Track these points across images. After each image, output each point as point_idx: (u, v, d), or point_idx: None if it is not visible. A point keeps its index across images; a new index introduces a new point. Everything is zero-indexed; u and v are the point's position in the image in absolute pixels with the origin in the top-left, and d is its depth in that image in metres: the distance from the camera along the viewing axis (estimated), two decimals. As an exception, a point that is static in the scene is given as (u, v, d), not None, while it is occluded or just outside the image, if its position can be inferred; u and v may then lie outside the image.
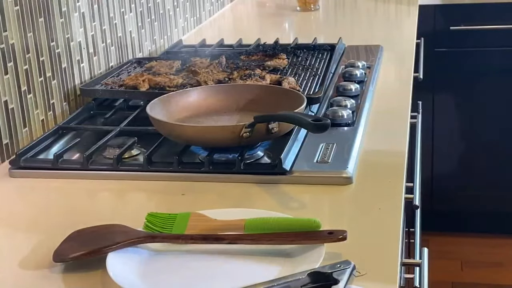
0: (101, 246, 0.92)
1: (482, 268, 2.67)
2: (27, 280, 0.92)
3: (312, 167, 1.18)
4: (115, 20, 1.77)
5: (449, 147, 2.75)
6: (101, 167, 1.23)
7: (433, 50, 2.55)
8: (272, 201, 1.10)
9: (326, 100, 1.48)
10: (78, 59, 1.58)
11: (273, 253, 0.92)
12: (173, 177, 1.19)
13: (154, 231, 0.97)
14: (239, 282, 0.84)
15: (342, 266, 0.84)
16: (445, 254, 2.71)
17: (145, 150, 1.26)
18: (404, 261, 1.10)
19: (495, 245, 2.78)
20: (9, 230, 1.07)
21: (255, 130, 1.18)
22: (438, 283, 2.54)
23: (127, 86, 1.51)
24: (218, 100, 1.38)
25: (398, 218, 1.03)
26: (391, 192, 1.12)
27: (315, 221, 0.94)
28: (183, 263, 0.92)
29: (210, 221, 0.98)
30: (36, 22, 1.41)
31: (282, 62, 1.66)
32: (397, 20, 2.49)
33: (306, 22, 2.56)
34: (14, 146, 1.33)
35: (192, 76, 1.52)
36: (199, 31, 2.36)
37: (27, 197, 1.19)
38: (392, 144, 1.31)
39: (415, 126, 1.56)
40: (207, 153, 1.23)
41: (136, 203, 1.16)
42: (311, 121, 1.13)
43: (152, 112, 1.27)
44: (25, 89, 1.37)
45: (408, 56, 1.90)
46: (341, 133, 1.32)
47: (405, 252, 1.39)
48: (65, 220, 1.07)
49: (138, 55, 1.88)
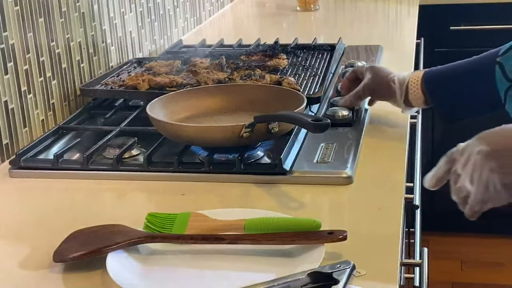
0: (101, 246, 0.92)
1: (482, 268, 2.67)
2: (27, 280, 0.92)
3: (312, 167, 1.18)
4: (115, 20, 1.77)
5: (449, 147, 2.75)
6: (101, 167, 1.23)
7: (433, 50, 2.55)
8: (272, 201, 1.10)
9: (326, 100, 1.48)
10: (78, 59, 1.58)
11: (273, 253, 0.92)
12: (173, 177, 1.19)
13: (154, 231, 0.97)
14: (239, 282, 0.84)
15: (342, 266, 0.84)
16: (445, 254, 2.71)
17: (145, 150, 1.26)
18: (404, 261, 1.09)
19: (495, 245, 2.78)
20: (9, 230, 1.07)
21: (255, 130, 1.18)
22: (438, 283, 2.53)
23: (127, 86, 1.51)
24: (218, 100, 1.38)
25: (398, 218, 1.03)
26: (391, 192, 1.12)
27: (315, 221, 0.94)
28: (183, 263, 0.92)
29: (210, 221, 0.98)
30: (36, 22, 1.41)
31: (282, 62, 1.66)
32: (397, 20, 2.49)
33: (306, 22, 2.56)
34: (14, 146, 1.33)
35: (192, 76, 1.52)
36: (199, 31, 2.36)
37: (27, 197, 1.19)
38: (392, 144, 1.31)
39: (415, 126, 1.56)
40: (207, 153, 1.23)
41: (136, 203, 1.16)
42: (311, 121, 1.13)
43: (152, 112, 1.27)
44: (25, 89, 1.37)
45: (408, 56, 1.90)
46: (341, 133, 1.32)
47: (405, 252, 1.39)
48: (65, 220, 1.07)
49: (138, 55, 1.88)
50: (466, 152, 0.89)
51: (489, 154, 0.86)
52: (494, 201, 0.87)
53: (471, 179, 0.87)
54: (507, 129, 0.89)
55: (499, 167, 0.85)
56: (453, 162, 0.91)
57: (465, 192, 0.89)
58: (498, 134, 0.89)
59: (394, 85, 1.32)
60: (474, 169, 0.87)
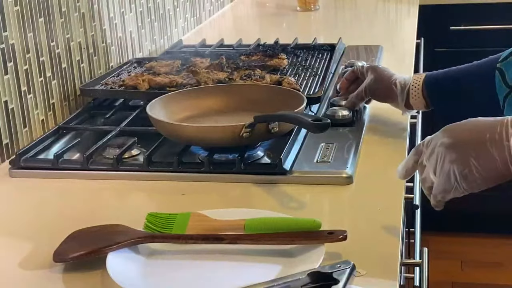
0: (101, 246, 0.92)
1: (482, 268, 2.67)
2: (27, 280, 0.92)
3: (312, 167, 1.18)
4: (115, 20, 1.77)
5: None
6: (101, 167, 1.23)
7: (433, 50, 2.55)
8: (272, 201, 1.10)
9: (326, 100, 1.48)
10: (78, 59, 1.58)
11: (273, 253, 0.92)
12: (173, 177, 1.19)
13: (154, 231, 0.97)
14: (239, 282, 0.84)
15: (342, 266, 0.84)
16: (445, 254, 2.71)
17: (145, 150, 1.26)
18: (404, 261, 1.09)
19: (495, 245, 2.78)
20: (9, 230, 1.07)
21: (255, 130, 1.18)
22: (438, 283, 2.53)
23: (127, 86, 1.51)
24: (218, 100, 1.38)
25: (398, 218, 1.03)
26: (391, 192, 1.12)
27: (315, 221, 0.94)
28: (183, 263, 0.92)
29: (210, 221, 0.98)
30: (36, 22, 1.41)
31: (282, 62, 1.66)
32: (397, 20, 2.49)
33: (306, 22, 2.56)
34: (14, 146, 1.33)
35: (192, 76, 1.52)
36: (199, 31, 2.36)
37: (27, 197, 1.19)
38: (392, 144, 1.31)
39: (415, 126, 1.56)
40: (207, 153, 1.23)
41: (136, 203, 1.16)
42: (311, 121, 1.13)
43: (152, 112, 1.27)
44: (25, 89, 1.37)
45: (408, 56, 1.90)
46: (341, 133, 1.32)
47: (405, 252, 1.39)
48: (65, 220, 1.07)
49: (138, 55, 1.88)
50: (431, 144, 0.93)
51: (450, 146, 0.90)
52: (455, 192, 0.91)
53: (434, 170, 0.92)
54: (471, 122, 0.92)
55: (458, 159, 0.89)
56: (420, 153, 0.95)
57: (430, 183, 0.93)
58: (460, 127, 0.92)
59: (396, 89, 1.32)
60: (437, 161, 0.91)
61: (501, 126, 0.88)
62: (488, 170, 0.88)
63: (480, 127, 0.90)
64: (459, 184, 0.90)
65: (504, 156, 0.87)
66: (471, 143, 0.89)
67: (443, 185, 0.91)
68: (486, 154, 0.88)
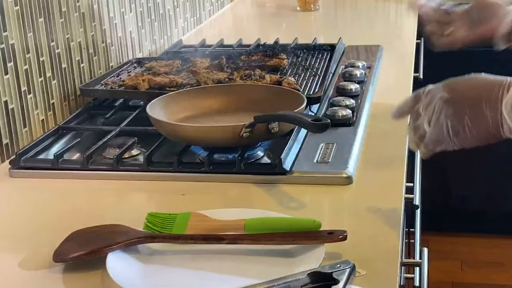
0: (101, 246, 0.92)
1: (482, 268, 2.67)
2: (27, 280, 0.92)
3: (312, 167, 1.18)
4: (115, 20, 1.77)
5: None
6: (101, 167, 1.23)
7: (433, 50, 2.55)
8: (272, 201, 1.10)
9: (326, 100, 1.48)
10: (78, 59, 1.58)
11: (273, 253, 0.92)
12: (173, 177, 1.19)
13: (154, 231, 0.97)
14: (239, 282, 0.84)
15: (342, 266, 0.84)
16: (445, 254, 2.71)
17: (145, 150, 1.26)
18: (404, 261, 1.10)
19: (495, 245, 2.78)
20: (9, 230, 1.07)
21: (255, 130, 1.18)
22: (438, 283, 2.53)
23: (127, 86, 1.51)
24: (218, 100, 1.38)
25: (398, 218, 1.03)
26: (391, 192, 1.12)
27: (315, 221, 0.94)
28: (183, 263, 0.92)
29: (210, 221, 0.98)
30: (36, 22, 1.41)
31: (282, 62, 1.66)
32: (397, 20, 2.49)
33: (306, 22, 2.56)
34: (14, 146, 1.33)
35: (192, 76, 1.52)
36: (199, 31, 2.36)
37: (27, 197, 1.19)
38: (392, 144, 1.31)
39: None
40: (207, 153, 1.23)
41: (136, 203, 1.16)
42: (311, 121, 1.13)
43: (152, 112, 1.27)
44: (25, 89, 1.37)
45: (408, 56, 1.90)
46: (341, 133, 1.32)
47: (405, 252, 1.39)
48: (65, 220, 1.07)
49: (138, 55, 1.88)
50: (430, 95, 0.94)
51: (448, 101, 0.92)
52: (447, 145, 0.93)
53: (429, 121, 0.93)
54: (472, 78, 0.93)
55: (453, 115, 0.91)
56: (418, 100, 0.96)
57: (422, 131, 0.94)
58: (461, 83, 0.93)
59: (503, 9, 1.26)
60: (434, 112, 0.93)
61: (498, 87, 0.89)
62: (479, 130, 0.90)
63: (480, 86, 0.91)
64: (450, 139, 0.92)
65: (496, 118, 0.88)
66: (468, 102, 0.90)
67: (436, 136, 0.93)
68: (480, 114, 0.89)
